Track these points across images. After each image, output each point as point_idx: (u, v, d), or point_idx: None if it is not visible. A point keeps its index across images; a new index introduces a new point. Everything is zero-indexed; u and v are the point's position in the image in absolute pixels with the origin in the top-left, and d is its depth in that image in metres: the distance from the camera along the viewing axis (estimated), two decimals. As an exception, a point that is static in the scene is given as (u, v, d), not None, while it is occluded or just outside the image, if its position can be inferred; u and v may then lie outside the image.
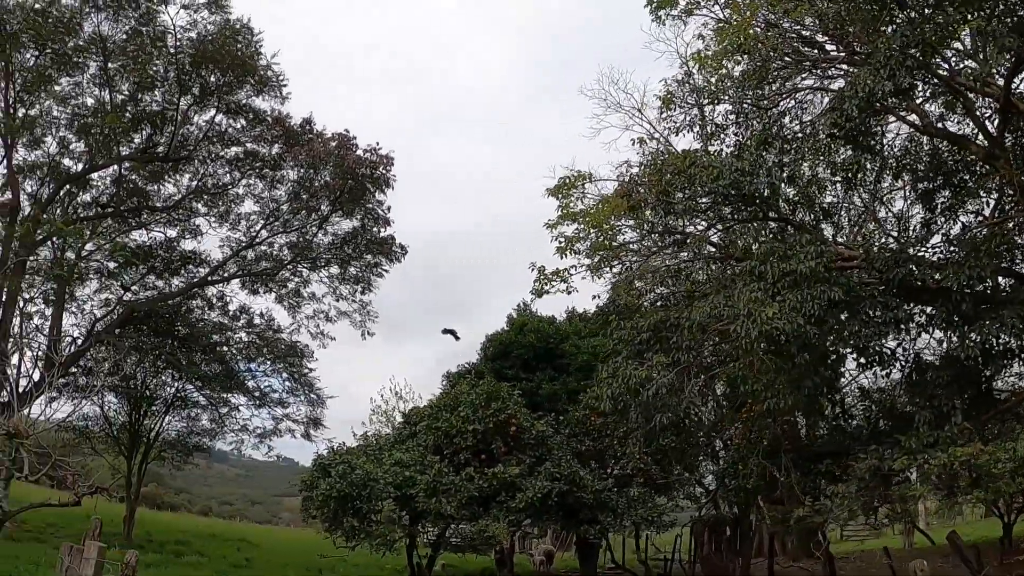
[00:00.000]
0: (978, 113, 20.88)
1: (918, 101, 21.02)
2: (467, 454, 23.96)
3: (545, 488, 22.82)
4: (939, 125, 22.01)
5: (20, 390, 32.21)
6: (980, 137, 20.99)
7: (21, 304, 36.92)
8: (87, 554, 10.02)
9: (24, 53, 34.70)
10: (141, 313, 37.38)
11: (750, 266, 18.33)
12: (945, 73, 19.66)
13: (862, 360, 20.91)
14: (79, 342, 36.69)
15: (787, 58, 21.23)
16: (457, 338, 39.60)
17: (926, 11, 17.78)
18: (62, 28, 34.00)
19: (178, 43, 34.88)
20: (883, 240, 23.41)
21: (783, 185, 20.94)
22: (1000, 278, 20.74)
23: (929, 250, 22.03)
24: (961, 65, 20.01)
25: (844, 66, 21.41)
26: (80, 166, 38.31)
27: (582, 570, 31.35)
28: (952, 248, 21.27)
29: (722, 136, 22.79)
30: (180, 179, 40.17)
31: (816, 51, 22.08)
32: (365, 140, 37.65)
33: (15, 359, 35.31)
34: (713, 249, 22.82)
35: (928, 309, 20.39)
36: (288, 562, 35.22)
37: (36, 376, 34.75)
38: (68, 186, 38.18)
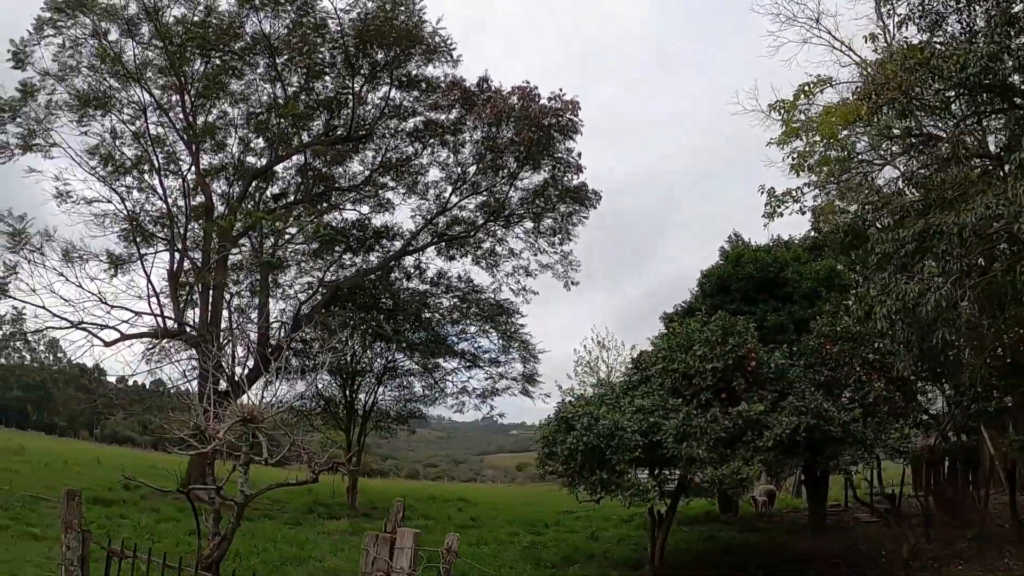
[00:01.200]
0: None
1: None
2: (708, 394, 22.60)
3: (792, 423, 21.19)
4: None
5: (236, 377, 32.96)
6: None
7: (228, 297, 37.55)
8: (401, 543, 8.85)
9: (193, 63, 35.30)
10: (345, 291, 37.28)
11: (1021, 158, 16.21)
12: None
13: None
14: (288, 326, 37.08)
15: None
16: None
17: None
18: (224, 34, 34.43)
19: (340, 27, 34.72)
20: None
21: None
22: None
23: None
24: None
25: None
26: (263, 161, 38.79)
27: (812, 508, 29.88)
28: None
29: (943, 26, 20.65)
30: (364, 157, 40.19)
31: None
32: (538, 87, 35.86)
33: (228, 349, 36.31)
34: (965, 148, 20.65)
35: None
36: (512, 518, 35.05)
37: (251, 363, 35.70)
38: (255, 182, 38.68)
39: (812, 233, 33.77)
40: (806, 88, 22.07)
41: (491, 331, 41.52)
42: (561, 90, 36.10)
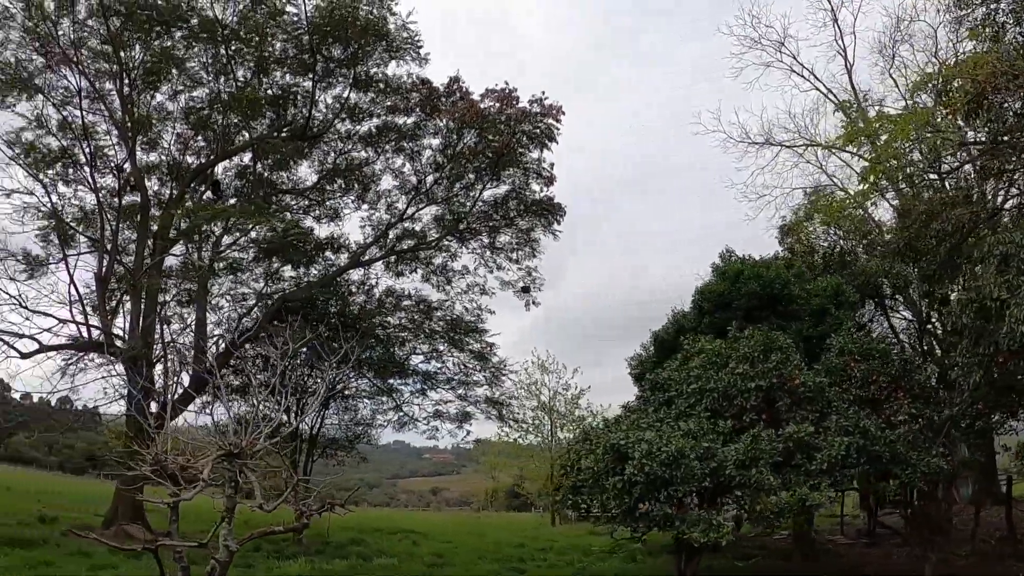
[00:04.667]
0: None
1: None
2: (752, 415, 19.50)
3: (844, 444, 18.70)
4: None
5: (172, 396, 28.47)
6: None
7: (161, 306, 33.19)
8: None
9: (132, 48, 31.02)
10: (296, 303, 32.91)
11: None
12: None
13: None
14: (231, 339, 32.75)
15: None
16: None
17: None
18: (170, 17, 30.11)
19: (297, 18, 30.70)
20: None
21: None
22: None
23: None
24: None
25: None
26: (200, 162, 34.56)
27: (797, 533, 27.29)
28: None
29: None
30: (312, 162, 36.10)
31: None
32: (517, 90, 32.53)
33: (159, 367, 31.99)
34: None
35: None
36: (478, 553, 31.31)
37: (186, 381, 31.24)
38: (193, 183, 34.38)
39: (781, 252, 31.78)
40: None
41: (453, 351, 37.39)
42: (544, 93, 32.60)
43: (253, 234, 34.56)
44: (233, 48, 31.06)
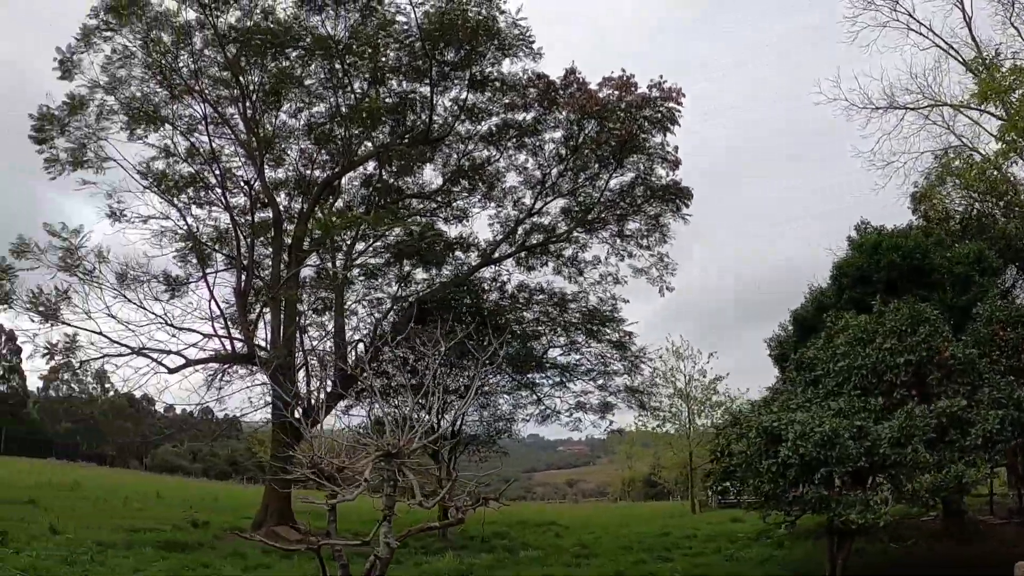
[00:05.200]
0: None
1: None
2: (903, 391, 19.13)
3: (998, 417, 18.00)
4: None
5: (313, 402, 29.45)
6: None
7: (300, 316, 34.30)
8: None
9: (251, 73, 32.46)
10: (432, 304, 33.47)
11: None
12: None
13: None
14: (368, 345, 33.60)
15: None
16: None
17: None
18: (283, 39, 31.35)
19: (408, 24, 31.16)
20: None
21: None
22: None
23: None
24: None
25: None
26: (325, 174, 35.54)
27: (947, 515, 26.11)
28: None
29: None
30: (436, 165, 36.63)
31: None
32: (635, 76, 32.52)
33: (303, 373, 33.01)
34: None
35: None
36: (621, 542, 31.32)
37: (328, 387, 32.18)
38: (321, 195, 35.17)
39: (915, 220, 30.93)
40: None
41: (590, 342, 37.35)
42: (662, 77, 32.20)
43: (391, 239, 35.61)
44: (348, 62, 31.74)
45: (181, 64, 32.11)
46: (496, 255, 36.58)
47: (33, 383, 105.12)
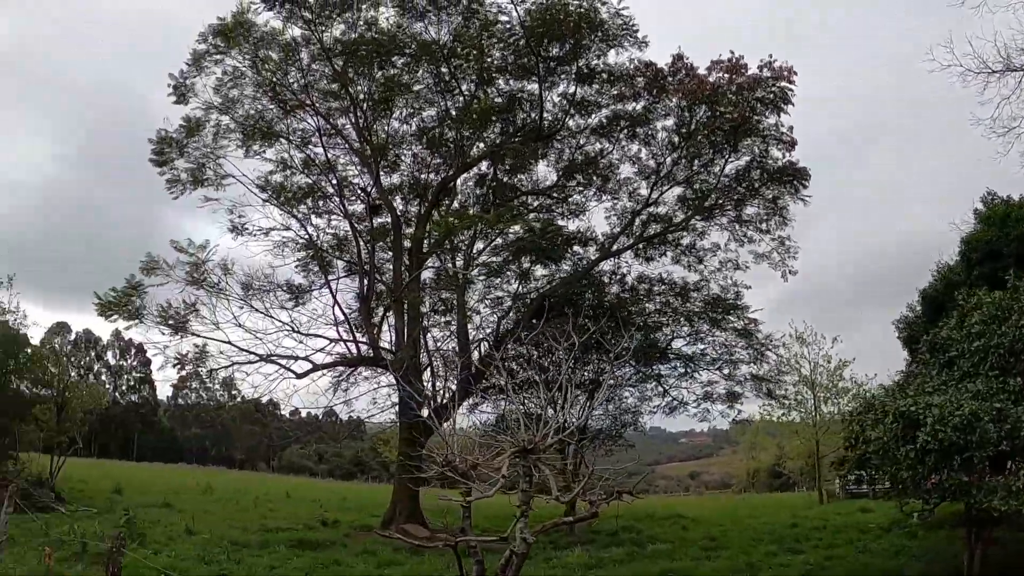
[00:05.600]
0: None
1: None
2: (1041, 370, 18.55)
3: None
4: None
5: (441, 401, 30.03)
6: None
7: (423, 317, 35.03)
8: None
9: (358, 83, 33.37)
10: (551, 301, 33.69)
11: None
12: None
13: None
14: (491, 343, 34.14)
15: None
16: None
17: None
18: (387, 48, 32.14)
19: (509, 25, 31.59)
20: None
21: None
22: None
23: None
24: None
25: None
26: (439, 177, 36.19)
27: None
28: None
29: None
30: (548, 162, 36.93)
31: None
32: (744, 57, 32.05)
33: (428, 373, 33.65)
34: None
35: None
36: (750, 535, 30.89)
37: (453, 387, 32.78)
38: (437, 198, 35.86)
39: None
40: None
41: (714, 331, 37.05)
42: (771, 56, 31.67)
43: (509, 237, 36.22)
44: (454, 65, 32.33)
45: (291, 80, 33.18)
46: (615, 248, 36.55)
47: (163, 392, 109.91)
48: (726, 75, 31.75)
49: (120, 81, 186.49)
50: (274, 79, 32.70)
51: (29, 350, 36.08)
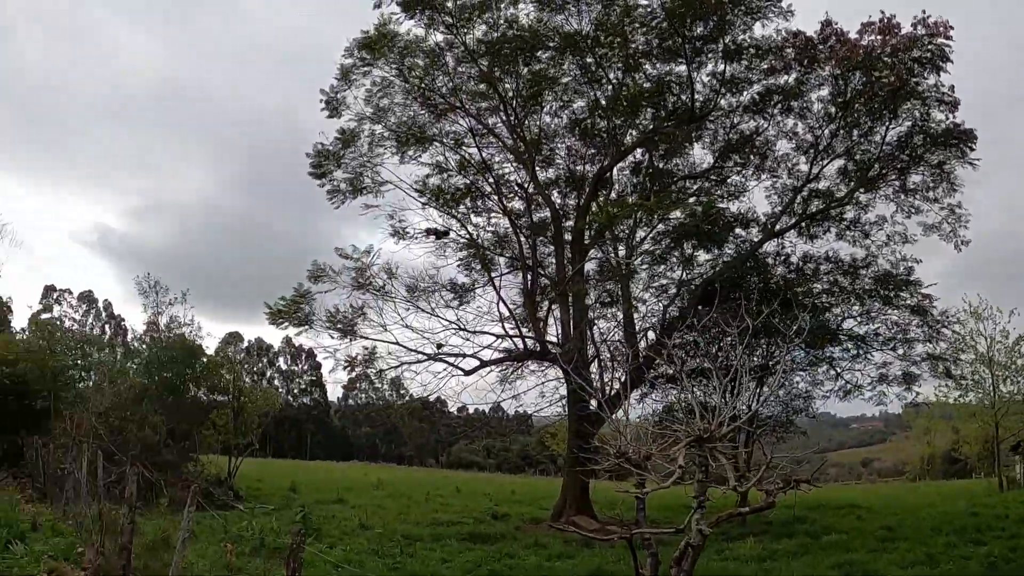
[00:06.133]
0: None
1: None
2: None
3: None
4: None
5: (610, 392, 30.11)
6: None
7: (589, 308, 35.46)
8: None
9: (504, 81, 33.83)
10: (717, 286, 33.24)
11: None
12: None
13: None
14: (657, 331, 34.11)
15: None
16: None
17: None
18: (530, 43, 32.36)
19: (649, 9, 31.50)
20: None
21: None
22: None
23: None
24: None
25: None
26: (593, 169, 36.40)
27: None
28: None
29: None
30: (703, 144, 36.55)
31: None
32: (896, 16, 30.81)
33: (596, 365, 33.82)
34: None
35: None
36: (927, 525, 29.24)
37: (622, 377, 32.87)
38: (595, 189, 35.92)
39: None
40: None
41: (886, 309, 35.71)
42: (924, 12, 30.15)
43: (671, 223, 35.91)
44: (599, 54, 32.35)
45: (439, 84, 33.90)
46: (777, 227, 35.79)
47: (334, 394, 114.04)
48: (879, 37, 30.57)
49: (271, 104, 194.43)
50: (422, 85, 33.44)
51: (205, 359, 38.29)
